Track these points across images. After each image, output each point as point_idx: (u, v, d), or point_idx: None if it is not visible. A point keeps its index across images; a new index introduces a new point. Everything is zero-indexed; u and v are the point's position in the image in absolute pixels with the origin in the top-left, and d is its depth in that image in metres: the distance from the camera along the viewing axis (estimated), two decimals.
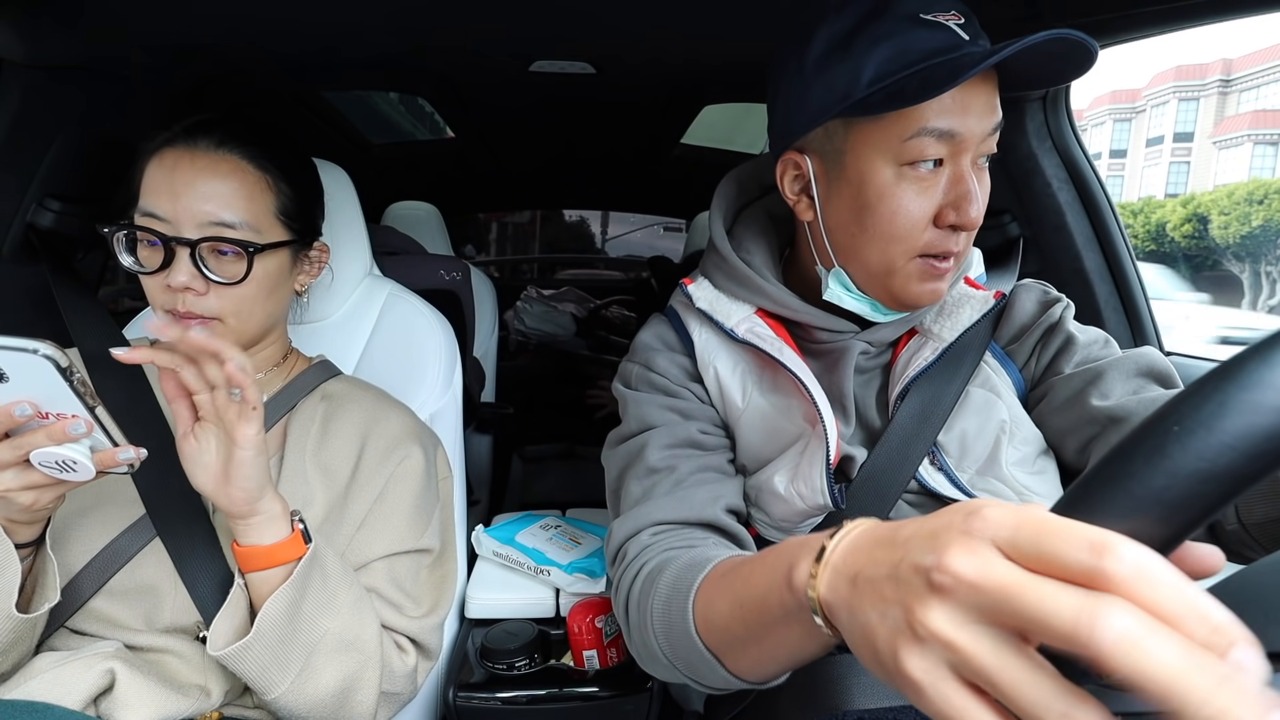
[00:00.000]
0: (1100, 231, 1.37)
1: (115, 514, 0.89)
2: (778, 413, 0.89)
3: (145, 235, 0.87)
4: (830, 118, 0.78)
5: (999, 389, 0.90)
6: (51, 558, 0.78)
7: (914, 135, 0.74)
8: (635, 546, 0.82)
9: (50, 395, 0.66)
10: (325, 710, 0.84)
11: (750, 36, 1.23)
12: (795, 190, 0.87)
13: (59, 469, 0.69)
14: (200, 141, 0.88)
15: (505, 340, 3.13)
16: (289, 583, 0.79)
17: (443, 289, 1.95)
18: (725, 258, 0.93)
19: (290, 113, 1.98)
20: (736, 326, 0.89)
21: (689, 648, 0.67)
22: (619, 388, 0.98)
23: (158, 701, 0.80)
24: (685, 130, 2.17)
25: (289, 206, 0.94)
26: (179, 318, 0.88)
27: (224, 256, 0.88)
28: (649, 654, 0.75)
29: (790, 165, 0.86)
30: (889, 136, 0.75)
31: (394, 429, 1.02)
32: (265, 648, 0.78)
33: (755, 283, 0.90)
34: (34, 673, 0.79)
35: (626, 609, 0.79)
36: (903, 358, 0.90)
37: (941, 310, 0.91)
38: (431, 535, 1.02)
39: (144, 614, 0.87)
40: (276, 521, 0.80)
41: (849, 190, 0.80)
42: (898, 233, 0.78)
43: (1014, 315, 0.95)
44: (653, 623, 0.72)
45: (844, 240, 0.83)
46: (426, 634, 0.98)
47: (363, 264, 1.29)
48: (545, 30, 1.33)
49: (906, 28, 0.74)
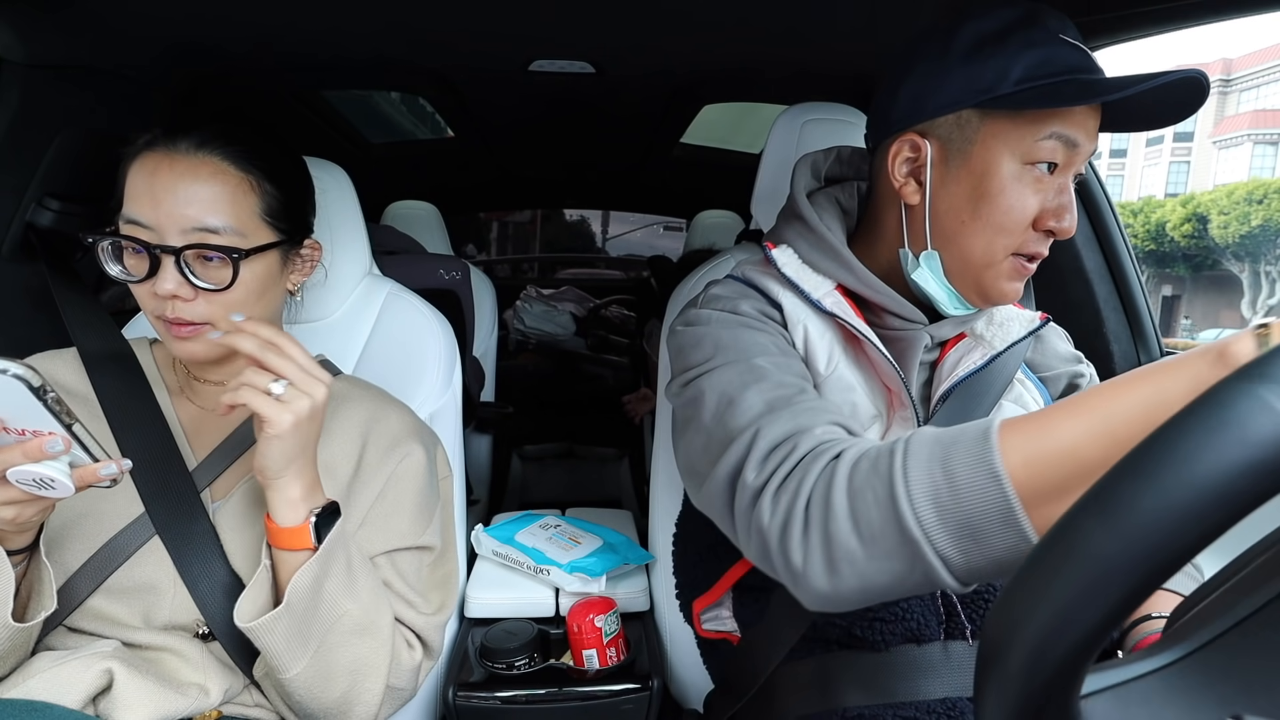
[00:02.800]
0: (1100, 231, 1.37)
1: (114, 512, 0.89)
2: (859, 389, 0.89)
3: (129, 244, 0.85)
4: (967, 106, 0.81)
5: (1028, 405, 0.93)
6: (47, 565, 0.78)
7: (1046, 137, 0.78)
8: (810, 440, 0.70)
9: (25, 413, 0.66)
10: (333, 696, 0.85)
11: (749, 37, 1.23)
12: (904, 173, 0.88)
13: (37, 486, 0.68)
14: (180, 144, 0.86)
15: (505, 339, 3.13)
16: (315, 558, 0.81)
17: (442, 288, 1.95)
18: (813, 228, 0.93)
19: (289, 112, 1.98)
20: (823, 298, 0.89)
21: (983, 501, 0.58)
22: (685, 330, 0.90)
23: (156, 700, 0.80)
24: (685, 130, 2.17)
25: (275, 207, 0.92)
26: (169, 324, 0.87)
27: (210, 262, 0.87)
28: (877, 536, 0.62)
29: (907, 146, 0.86)
30: (1023, 134, 0.79)
31: (395, 427, 1.02)
32: (293, 620, 0.80)
33: (843, 256, 0.90)
34: (32, 672, 0.79)
35: (826, 497, 0.66)
36: (951, 357, 0.91)
37: (991, 320, 0.94)
38: (433, 533, 1.02)
39: (142, 612, 0.87)
40: (290, 507, 0.82)
41: (970, 179, 0.82)
42: (1008, 225, 0.81)
43: (1046, 346, 1.00)
44: (907, 487, 0.61)
45: (950, 227, 0.85)
46: (432, 632, 0.98)
47: (362, 263, 1.28)
48: (544, 30, 1.33)
49: (1054, 41, 0.79)
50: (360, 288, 1.28)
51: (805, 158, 1.01)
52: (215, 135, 0.88)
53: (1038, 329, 0.94)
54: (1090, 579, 0.32)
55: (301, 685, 0.83)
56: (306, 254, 1.01)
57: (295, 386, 0.78)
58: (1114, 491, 0.33)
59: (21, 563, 0.77)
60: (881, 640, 0.85)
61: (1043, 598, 0.33)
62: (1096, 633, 0.32)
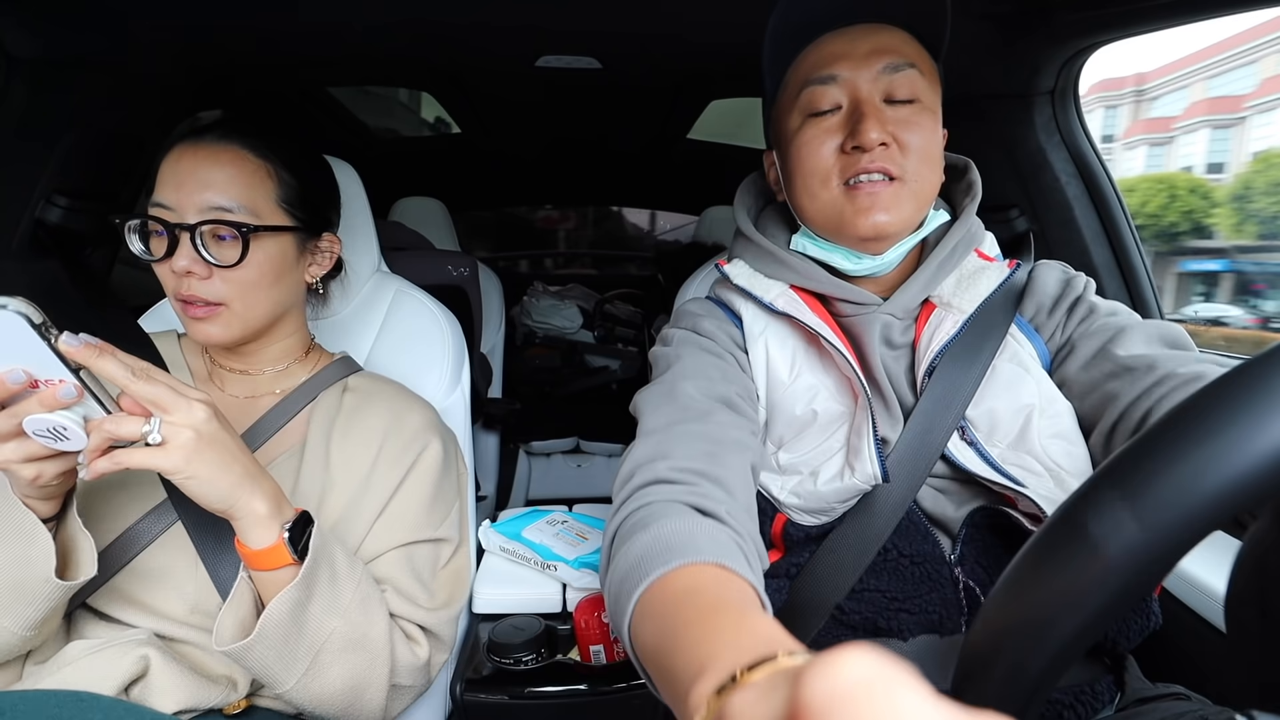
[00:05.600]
0: (1108, 226, 1.36)
1: (138, 497, 0.90)
2: (823, 391, 0.91)
3: (153, 225, 0.90)
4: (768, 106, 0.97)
5: (1026, 363, 0.90)
6: (86, 533, 0.79)
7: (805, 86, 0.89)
8: (644, 475, 0.76)
9: (32, 357, 0.66)
10: (335, 706, 0.85)
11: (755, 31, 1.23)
12: (773, 177, 1.01)
13: (53, 437, 0.69)
14: (205, 136, 0.92)
15: (512, 335, 3.14)
16: (294, 584, 0.78)
17: (450, 285, 1.95)
18: (752, 239, 1.00)
19: (296, 108, 1.99)
20: (775, 300, 0.93)
21: (621, 632, 0.63)
22: (657, 349, 0.99)
23: (190, 688, 0.82)
24: (692, 125, 2.17)
25: (291, 195, 0.96)
26: (185, 304, 0.91)
27: (223, 241, 0.91)
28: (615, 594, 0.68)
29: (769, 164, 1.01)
30: (792, 98, 0.92)
31: (415, 421, 1.04)
32: (268, 647, 0.78)
33: (782, 257, 0.96)
34: (67, 660, 0.80)
35: (614, 538, 0.73)
36: (925, 332, 0.91)
37: (959, 282, 0.93)
38: (450, 526, 1.03)
39: (166, 598, 0.88)
40: (260, 526, 0.78)
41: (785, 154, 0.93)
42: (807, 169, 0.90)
43: (1037, 290, 0.96)
44: (613, 576, 0.67)
45: (792, 197, 0.95)
46: (441, 625, 0.99)
47: (371, 260, 1.29)
48: (551, 25, 1.33)
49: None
50: (369, 285, 1.29)
51: (749, 180, 1.10)
52: (238, 128, 0.94)
53: (1008, 279, 0.93)
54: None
55: (298, 699, 0.83)
56: (324, 247, 1.04)
57: (169, 420, 0.71)
58: None
59: (51, 532, 0.77)
60: (905, 630, 0.85)
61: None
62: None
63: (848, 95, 0.87)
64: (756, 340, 0.95)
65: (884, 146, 0.84)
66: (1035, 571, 0.38)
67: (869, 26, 0.88)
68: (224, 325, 0.93)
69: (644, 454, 0.79)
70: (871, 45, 0.86)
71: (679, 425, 0.81)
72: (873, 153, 0.84)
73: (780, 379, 0.92)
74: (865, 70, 0.86)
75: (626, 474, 0.78)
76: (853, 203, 0.87)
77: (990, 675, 0.38)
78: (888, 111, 0.85)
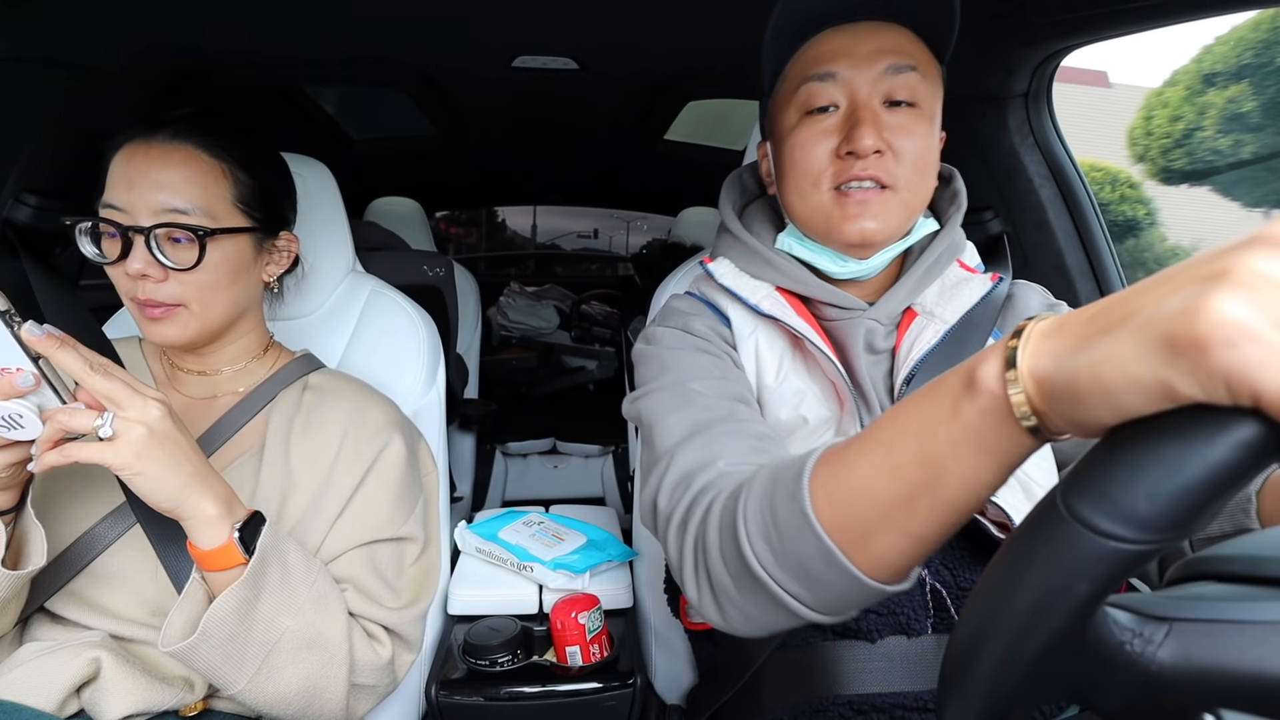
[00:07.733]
0: (1081, 229, 1.38)
1: (96, 499, 0.89)
2: (809, 395, 0.90)
3: (105, 227, 0.88)
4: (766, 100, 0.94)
5: None
6: (37, 525, 0.78)
7: (803, 83, 0.87)
8: (709, 474, 0.72)
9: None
10: (293, 706, 0.84)
11: (732, 33, 1.23)
12: (765, 170, 0.98)
13: (7, 425, 0.68)
14: (157, 134, 0.90)
15: (488, 336, 3.12)
16: (240, 582, 0.77)
17: (426, 285, 1.94)
18: (739, 237, 0.97)
19: (270, 108, 1.96)
20: (760, 302, 0.92)
21: (802, 542, 0.57)
22: (643, 348, 0.94)
23: (142, 691, 0.80)
24: (669, 126, 2.17)
25: (247, 195, 0.94)
26: (141, 305, 0.89)
27: (178, 243, 0.89)
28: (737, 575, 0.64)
29: (763, 150, 0.99)
30: (790, 92, 0.89)
31: (376, 418, 1.02)
32: (214, 647, 0.77)
33: (769, 257, 0.94)
34: (18, 662, 0.79)
35: (703, 535, 0.68)
36: (905, 340, 0.91)
37: (942, 292, 0.93)
38: (413, 525, 1.02)
39: (124, 600, 0.86)
40: (209, 526, 0.77)
41: (779, 150, 0.91)
42: (800, 169, 0.88)
43: (1019, 308, 0.97)
44: (746, 527, 0.62)
45: (783, 196, 0.93)
46: (405, 625, 0.98)
47: (345, 260, 1.27)
48: (527, 26, 1.32)
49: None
50: (343, 284, 1.27)
51: (734, 174, 1.07)
52: (190, 125, 0.92)
53: (990, 291, 0.93)
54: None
55: (252, 699, 0.81)
56: (282, 245, 1.02)
57: (123, 416, 0.70)
58: None
59: (9, 525, 0.77)
60: (874, 631, 0.85)
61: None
62: None
63: (846, 96, 0.85)
64: (746, 340, 0.94)
65: (878, 154, 0.83)
66: (1024, 560, 0.38)
67: (873, 24, 0.86)
68: (181, 326, 0.91)
69: (693, 460, 0.75)
70: (875, 45, 0.84)
71: (712, 428, 0.78)
72: (866, 160, 0.83)
73: (767, 381, 0.92)
74: (866, 71, 0.84)
75: (682, 481, 0.74)
76: (842, 208, 0.86)
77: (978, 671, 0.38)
78: (885, 116, 0.84)
